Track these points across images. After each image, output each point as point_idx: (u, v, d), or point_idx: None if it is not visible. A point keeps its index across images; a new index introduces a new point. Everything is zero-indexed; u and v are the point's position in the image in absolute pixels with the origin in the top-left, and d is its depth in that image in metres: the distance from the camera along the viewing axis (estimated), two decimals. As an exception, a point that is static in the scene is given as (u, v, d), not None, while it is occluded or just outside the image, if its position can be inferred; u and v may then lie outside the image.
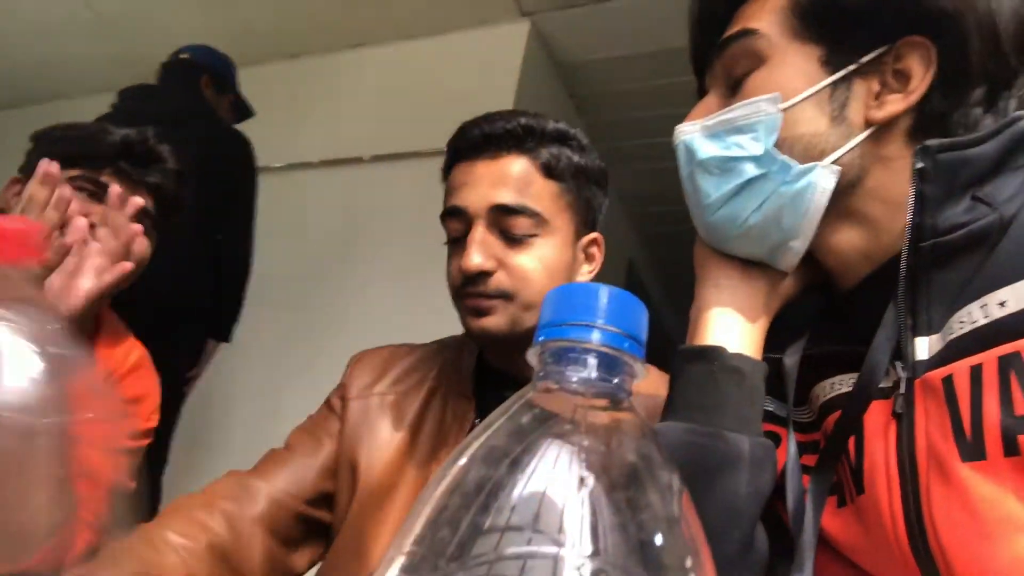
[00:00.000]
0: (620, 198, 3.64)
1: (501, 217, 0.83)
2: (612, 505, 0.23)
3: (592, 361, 0.27)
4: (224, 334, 2.21)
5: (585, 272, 0.91)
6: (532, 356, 0.28)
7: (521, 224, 0.83)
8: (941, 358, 0.52)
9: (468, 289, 0.83)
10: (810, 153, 0.59)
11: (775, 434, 0.67)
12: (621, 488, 0.23)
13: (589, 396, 0.26)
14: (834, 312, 0.67)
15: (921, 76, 0.58)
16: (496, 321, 0.82)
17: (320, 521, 0.88)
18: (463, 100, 2.60)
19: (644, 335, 0.28)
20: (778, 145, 0.59)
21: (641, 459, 0.24)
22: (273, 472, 0.87)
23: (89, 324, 0.91)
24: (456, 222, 0.86)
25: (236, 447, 2.43)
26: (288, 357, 2.51)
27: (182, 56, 2.34)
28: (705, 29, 0.69)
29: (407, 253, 2.36)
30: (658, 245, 3.92)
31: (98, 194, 0.98)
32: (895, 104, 0.58)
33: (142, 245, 1.01)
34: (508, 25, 2.66)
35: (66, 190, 0.83)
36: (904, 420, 0.54)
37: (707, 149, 0.63)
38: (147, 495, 2.08)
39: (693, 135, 0.64)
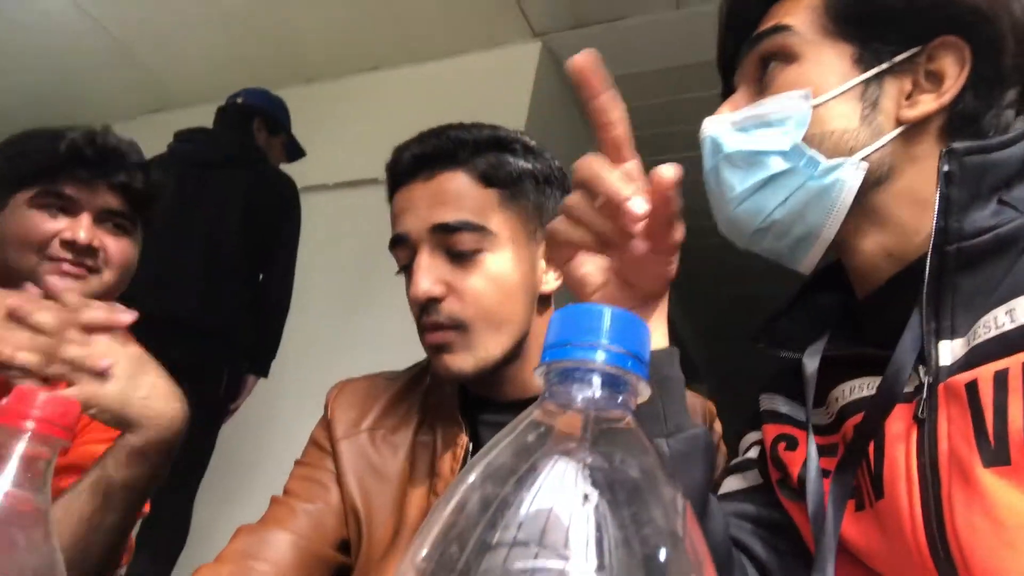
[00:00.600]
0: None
1: (444, 237, 0.79)
2: (616, 521, 0.23)
3: (596, 380, 0.27)
4: (264, 370, 2.29)
5: (551, 280, 0.86)
6: (538, 376, 0.29)
7: (465, 240, 0.78)
8: (965, 363, 0.52)
9: (424, 320, 0.81)
10: (839, 149, 0.59)
11: (792, 437, 0.66)
12: (625, 504, 0.24)
13: (593, 414, 0.27)
14: (853, 314, 0.66)
15: (955, 77, 0.58)
16: (457, 360, 0.79)
17: (347, 566, 0.84)
18: (477, 121, 2.63)
19: (647, 354, 0.28)
20: (806, 140, 0.59)
21: (644, 476, 0.25)
22: (291, 519, 0.81)
23: None
24: (402, 250, 0.83)
25: (268, 473, 2.44)
26: (311, 383, 2.52)
27: (237, 100, 2.43)
28: (735, 27, 0.69)
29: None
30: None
31: (67, 208, 0.94)
32: (927, 104, 0.58)
33: (119, 248, 0.98)
34: (520, 46, 2.69)
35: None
36: (926, 425, 0.53)
37: (734, 142, 0.63)
38: (179, 521, 2.12)
39: (720, 129, 0.64)
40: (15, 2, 2.92)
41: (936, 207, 0.55)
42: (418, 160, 0.83)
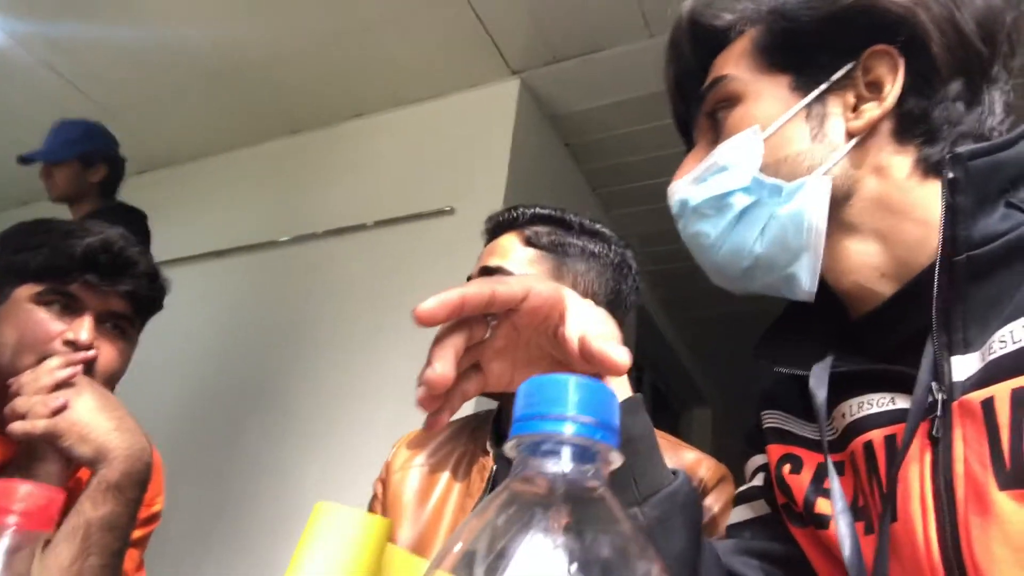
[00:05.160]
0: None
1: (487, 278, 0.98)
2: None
3: (566, 452, 0.27)
4: None
5: None
6: (509, 449, 0.29)
7: None
8: (981, 379, 0.50)
9: None
10: (797, 171, 0.60)
11: (797, 458, 0.64)
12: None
13: (564, 488, 0.27)
14: (852, 332, 0.65)
15: (892, 82, 0.59)
16: None
17: None
18: (462, 159, 2.67)
19: (616, 421, 0.28)
20: (764, 171, 0.61)
21: (616, 552, 0.24)
22: None
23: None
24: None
25: (256, 522, 2.41)
26: (302, 427, 2.50)
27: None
28: (683, 90, 0.72)
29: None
30: (665, 284, 3.92)
31: (71, 306, 0.95)
32: (871, 112, 0.59)
33: (110, 354, 0.97)
34: (499, 84, 2.72)
35: None
36: (941, 445, 0.51)
37: (698, 195, 0.64)
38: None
39: (684, 188, 0.66)
40: (-1, 75, 2.96)
41: (942, 216, 0.53)
42: (494, 225, 1.06)
